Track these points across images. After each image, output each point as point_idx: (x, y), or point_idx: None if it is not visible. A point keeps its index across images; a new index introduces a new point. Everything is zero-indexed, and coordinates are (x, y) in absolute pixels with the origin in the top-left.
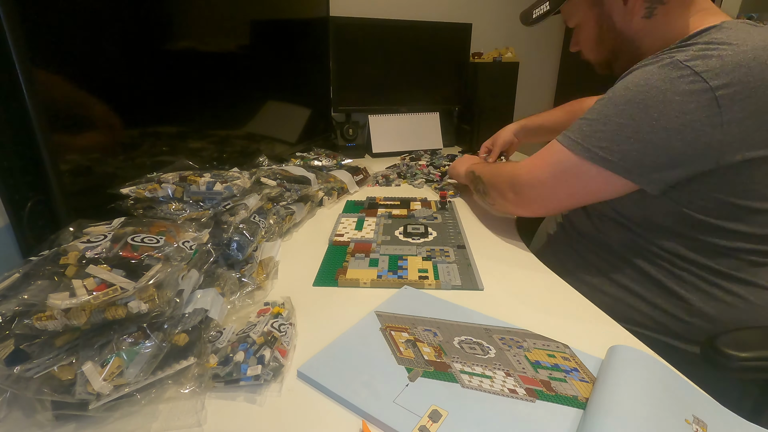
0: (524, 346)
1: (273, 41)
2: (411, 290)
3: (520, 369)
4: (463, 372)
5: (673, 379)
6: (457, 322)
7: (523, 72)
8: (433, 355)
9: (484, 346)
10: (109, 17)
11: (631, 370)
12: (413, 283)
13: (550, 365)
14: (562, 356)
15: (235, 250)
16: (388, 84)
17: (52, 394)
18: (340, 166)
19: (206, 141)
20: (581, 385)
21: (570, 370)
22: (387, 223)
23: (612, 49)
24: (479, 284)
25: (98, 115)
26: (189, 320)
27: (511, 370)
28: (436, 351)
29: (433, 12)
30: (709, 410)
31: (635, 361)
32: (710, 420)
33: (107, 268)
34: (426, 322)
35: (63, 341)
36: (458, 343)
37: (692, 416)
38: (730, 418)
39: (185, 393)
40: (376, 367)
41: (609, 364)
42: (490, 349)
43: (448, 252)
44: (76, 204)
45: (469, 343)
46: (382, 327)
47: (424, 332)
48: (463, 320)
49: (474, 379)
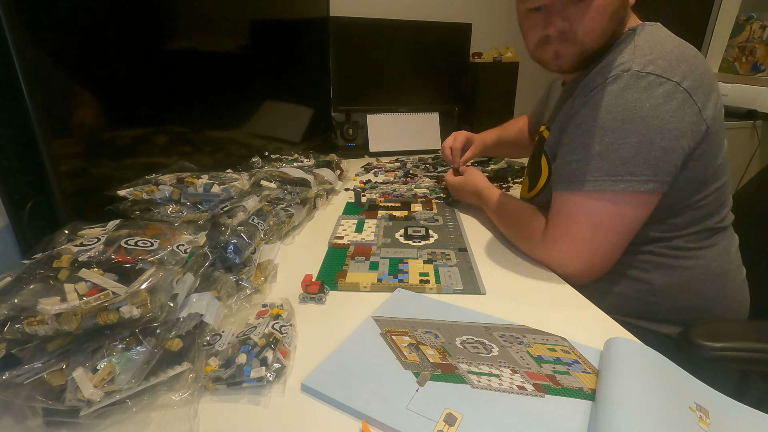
0: (524, 341)
1: (273, 41)
2: (405, 292)
3: (525, 365)
4: (471, 372)
5: (670, 369)
6: (456, 322)
7: (523, 72)
8: (437, 357)
9: (487, 345)
10: (109, 18)
11: (632, 361)
12: (414, 287)
13: (552, 359)
14: (562, 349)
15: (232, 253)
16: (388, 84)
17: (43, 400)
18: (318, 165)
19: (206, 142)
20: (584, 376)
21: (572, 363)
22: (387, 226)
23: (614, 32)
24: (481, 288)
25: (98, 116)
26: (183, 325)
27: (516, 366)
28: (440, 353)
29: (433, 12)
30: (708, 397)
31: (633, 353)
32: (711, 406)
33: (100, 272)
34: (425, 324)
35: (55, 346)
36: (460, 343)
37: (694, 404)
38: (729, 404)
39: (178, 400)
40: (382, 374)
41: (609, 356)
42: (492, 348)
43: (449, 255)
44: (76, 204)
45: (472, 343)
46: (382, 332)
47: (425, 334)
48: (461, 320)
49: (482, 379)
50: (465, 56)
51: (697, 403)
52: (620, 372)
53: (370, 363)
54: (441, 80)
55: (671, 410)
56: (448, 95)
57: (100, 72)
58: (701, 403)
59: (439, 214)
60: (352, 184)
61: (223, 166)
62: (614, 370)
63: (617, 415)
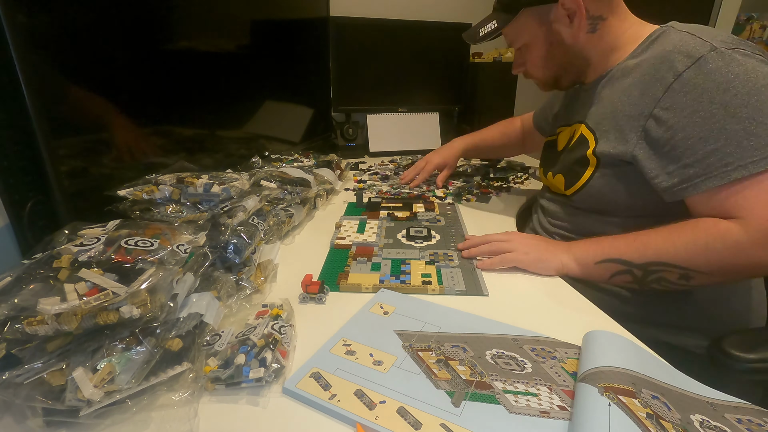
0: (557, 356)
1: (273, 41)
2: (389, 293)
3: (562, 382)
4: (506, 391)
5: (648, 357)
6: (483, 334)
7: None
8: (468, 373)
9: (519, 360)
10: (109, 18)
11: (608, 346)
12: (416, 289)
13: None
14: None
15: (232, 253)
16: (388, 84)
17: (43, 400)
18: (318, 165)
19: (206, 142)
20: None
21: None
22: (389, 226)
23: (562, 64)
24: (484, 290)
25: (98, 116)
26: (183, 325)
27: (552, 385)
28: (471, 369)
29: (433, 12)
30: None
31: (612, 340)
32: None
33: (100, 272)
34: (452, 338)
35: (55, 346)
36: (491, 357)
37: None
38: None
39: (178, 400)
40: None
41: (587, 346)
42: (525, 363)
43: (451, 256)
44: (76, 204)
45: (503, 358)
46: (405, 346)
47: (452, 349)
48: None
49: (520, 399)
50: (465, 56)
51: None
52: (598, 354)
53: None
54: (441, 80)
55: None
56: (448, 95)
57: (100, 72)
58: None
59: (441, 215)
60: (351, 184)
61: (223, 166)
62: (592, 355)
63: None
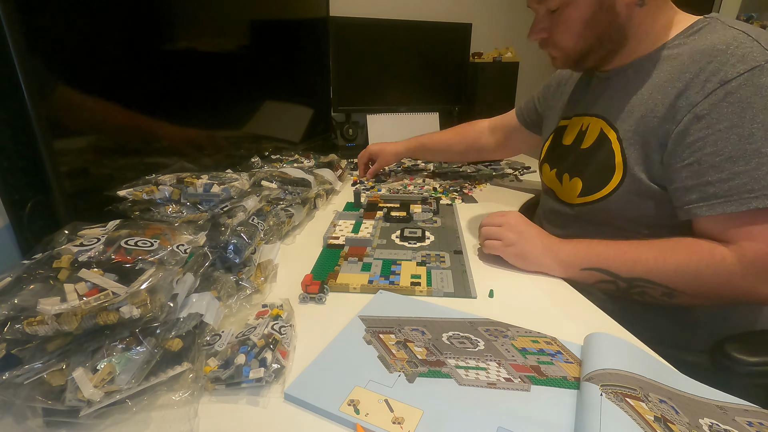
0: (509, 335)
1: (273, 41)
2: (387, 294)
3: (510, 357)
4: (459, 366)
5: (653, 361)
6: (442, 318)
7: (523, 72)
8: (425, 354)
9: (473, 339)
10: (109, 18)
11: (612, 349)
12: (404, 290)
13: (536, 350)
14: (545, 341)
15: (232, 253)
16: (388, 84)
17: (43, 400)
18: (318, 165)
19: (206, 142)
20: (567, 366)
21: (554, 353)
22: (384, 226)
23: (601, 35)
24: (472, 292)
25: (98, 116)
26: (183, 325)
27: (501, 359)
28: (427, 350)
29: (433, 12)
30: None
31: (614, 344)
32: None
33: (100, 272)
34: (412, 322)
35: (55, 346)
36: (447, 339)
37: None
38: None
39: (178, 400)
40: (371, 374)
41: (590, 348)
42: (478, 342)
43: (444, 257)
44: (76, 204)
45: (458, 338)
46: (369, 331)
47: (412, 332)
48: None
49: (470, 373)
50: (465, 56)
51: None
52: (601, 357)
53: (357, 365)
54: (441, 80)
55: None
56: (448, 95)
57: (100, 72)
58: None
59: (438, 216)
60: (351, 182)
61: (223, 166)
62: (595, 356)
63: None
